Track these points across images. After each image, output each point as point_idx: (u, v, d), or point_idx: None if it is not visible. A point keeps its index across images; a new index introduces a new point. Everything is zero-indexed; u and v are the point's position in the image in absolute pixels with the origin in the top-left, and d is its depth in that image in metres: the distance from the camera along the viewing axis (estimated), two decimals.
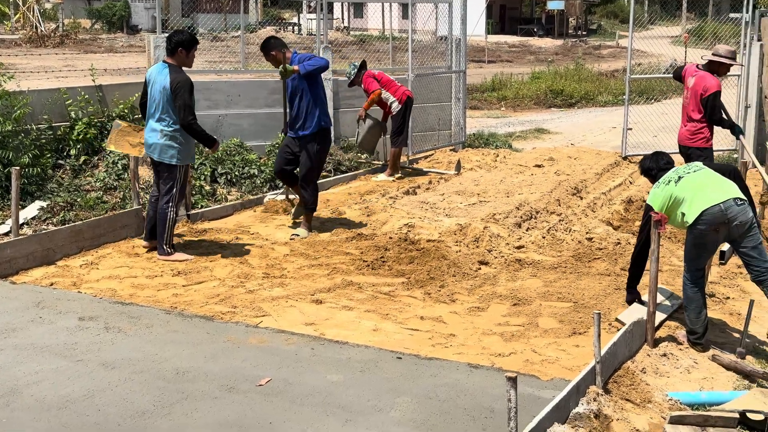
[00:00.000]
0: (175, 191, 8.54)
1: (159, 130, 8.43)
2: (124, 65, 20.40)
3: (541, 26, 60.20)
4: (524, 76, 28.23)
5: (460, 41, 15.26)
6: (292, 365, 5.86)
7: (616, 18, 67.85)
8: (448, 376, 5.71)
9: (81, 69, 16.26)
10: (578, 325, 6.79)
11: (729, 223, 6.27)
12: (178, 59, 8.47)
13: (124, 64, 20.83)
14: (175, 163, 8.49)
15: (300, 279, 7.98)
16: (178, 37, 8.51)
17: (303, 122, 9.23)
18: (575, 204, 10.96)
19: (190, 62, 8.62)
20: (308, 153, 9.30)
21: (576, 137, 17.91)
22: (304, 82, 9.13)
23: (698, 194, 6.34)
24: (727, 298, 7.61)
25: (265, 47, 9.29)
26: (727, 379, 6.05)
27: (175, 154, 8.46)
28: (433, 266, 8.29)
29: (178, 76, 8.35)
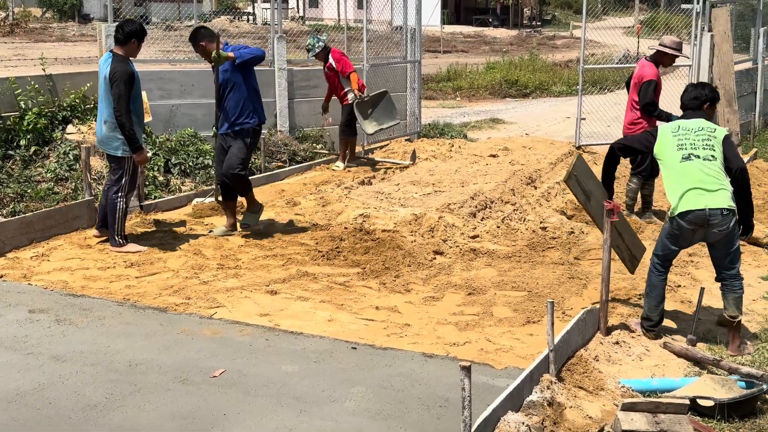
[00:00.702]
0: (124, 182, 8.44)
1: (104, 122, 8.34)
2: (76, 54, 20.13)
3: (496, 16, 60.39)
4: (479, 66, 28.31)
5: (415, 31, 15.26)
6: (246, 356, 5.83)
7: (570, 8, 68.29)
8: (402, 366, 5.71)
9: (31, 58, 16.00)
10: (532, 313, 6.83)
11: (708, 227, 6.30)
12: (128, 50, 8.34)
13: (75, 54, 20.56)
14: (121, 154, 8.37)
15: (255, 270, 7.94)
16: (131, 27, 8.37)
17: (235, 117, 8.77)
18: (529, 193, 11.03)
19: (138, 53, 8.51)
20: (238, 148, 8.81)
21: (530, 127, 18.01)
22: (238, 75, 8.69)
23: (691, 191, 6.29)
24: (679, 286, 7.70)
25: (193, 38, 8.81)
26: (678, 366, 6.12)
27: (120, 146, 8.34)
28: (389, 256, 8.29)
29: (118, 65, 8.20)
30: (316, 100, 13.86)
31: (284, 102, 13.69)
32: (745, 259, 8.63)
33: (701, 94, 6.76)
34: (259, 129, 9.01)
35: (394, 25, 16.42)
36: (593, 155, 13.97)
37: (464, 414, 4.11)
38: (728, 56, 14.21)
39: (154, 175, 11.00)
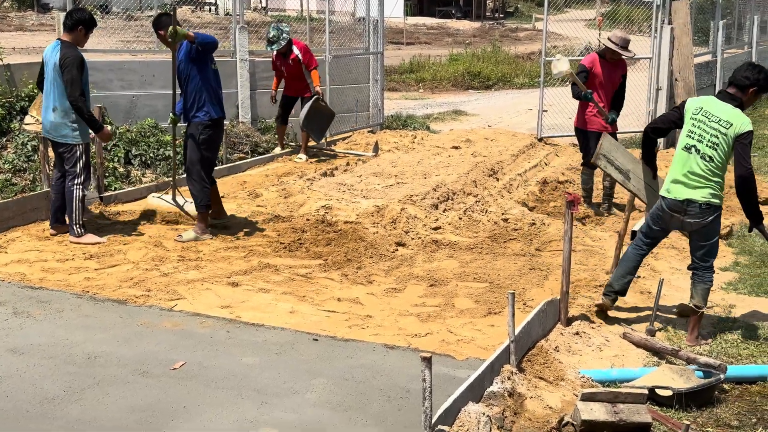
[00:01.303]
0: (79, 169, 8.35)
1: (53, 109, 8.26)
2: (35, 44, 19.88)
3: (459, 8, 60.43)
4: (442, 58, 28.34)
5: (377, 23, 15.24)
6: (206, 348, 5.80)
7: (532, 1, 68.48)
8: (364, 358, 5.71)
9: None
10: (493, 305, 6.86)
11: (685, 216, 6.38)
12: (75, 37, 8.29)
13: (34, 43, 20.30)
14: (70, 141, 8.30)
15: (216, 261, 7.90)
16: (80, 14, 8.34)
17: (191, 110, 8.56)
18: (491, 185, 11.06)
19: (85, 42, 8.44)
20: (193, 144, 8.57)
21: (493, 119, 18.06)
22: (194, 68, 8.48)
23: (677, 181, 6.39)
24: (638, 277, 7.75)
25: (155, 25, 8.72)
26: (638, 356, 6.17)
27: (70, 133, 8.27)
28: (351, 248, 8.29)
29: (68, 51, 8.16)
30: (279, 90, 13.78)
31: (246, 93, 13.62)
32: None
33: (752, 76, 6.34)
34: (214, 123, 8.64)
35: (357, 17, 16.38)
36: (555, 147, 14.05)
37: (425, 405, 4.12)
38: (688, 49, 14.33)
39: (114, 166, 10.89)
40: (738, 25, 18.69)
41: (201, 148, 8.59)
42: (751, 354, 6.25)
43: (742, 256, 8.63)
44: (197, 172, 8.60)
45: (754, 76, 6.34)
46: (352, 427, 4.76)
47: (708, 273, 6.51)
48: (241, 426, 4.73)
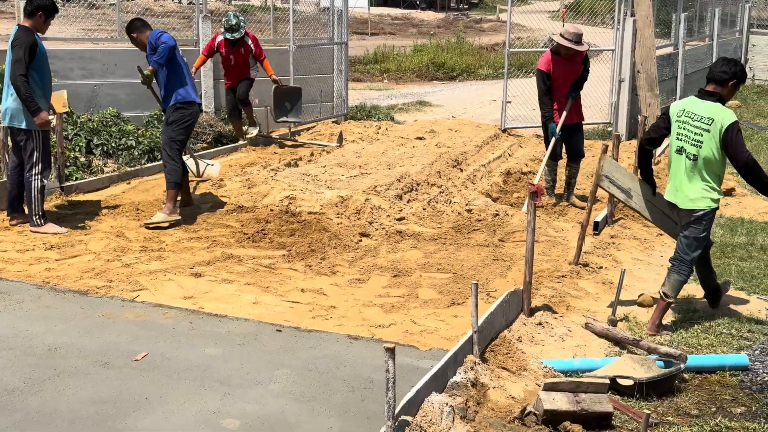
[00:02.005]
0: (36, 158, 8.28)
1: (10, 95, 8.20)
2: None
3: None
4: (407, 48, 28.33)
5: (342, 13, 15.19)
6: (169, 339, 5.76)
7: None
8: (327, 348, 5.71)
9: None
10: (457, 295, 6.88)
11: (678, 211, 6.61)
12: (35, 23, 8.26)
13: None
14: (25, 126, 8.22)
15: (179, 252, 7.85)
16: (40, 0, 8.26)
17: (166, 98, 9.00)
18: (455, 176, 11.08)
19: (45, 29, 8.43)
20: (165, 127, 9.02)
21: (457, 110, 18.09)
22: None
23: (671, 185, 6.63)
24: (600, 267, 7.82)
25: (128, 31, 9.10)
26: (599, 346, 6.22)
27: (26, 118, 8.20)
28: (314, 238, 8.27)
29: (21, 33, 8.15)
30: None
31: (209, 83, 13.54)
32: (665, 241, 8.81)
33: (729, 69, 6.45)
34: (182, 106, 8.93)
35: (322, 6, 16.32)
36: (519, 138, 14.11)
37: (388, 395, 4.12)
38: (650, 41, 14.42)
39: (75, 156, 10.78)
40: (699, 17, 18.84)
41: (168, 129, 8.93)
42: (710, 344, 6.31)
43: None
44: (166, 153, 8.93)
45: (731, 69, 6.45)
46: (315, 417, 4.76)
47: (684, 266, 6.57)
48: (203, 417, 4.71)
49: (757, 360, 6.02)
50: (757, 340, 6.41)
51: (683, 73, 16.69)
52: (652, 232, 9.06)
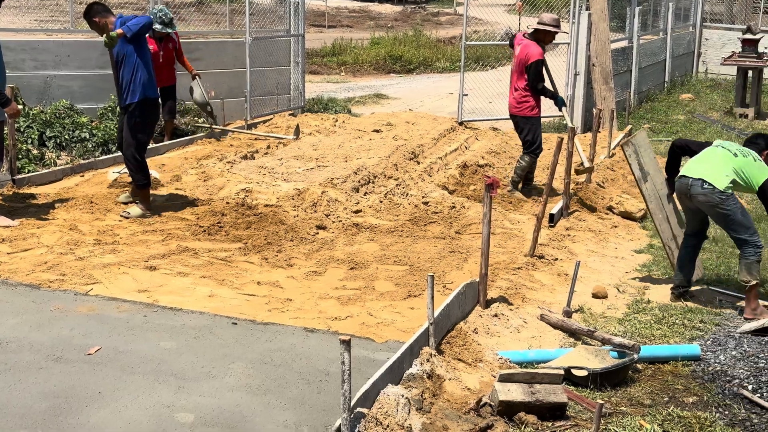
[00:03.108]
0: None
1: None
2: None
3: None
4: (364, 41, 28.27)
5: (298, 5, 15.13)
6: (123, 333, 5.71)
7: None
8: (283, 341, 5.69)
9: None
10: (413, 287, 6.89)
11: (691, 198, 6.84)
12: None
13: None
14: None
15: (133, 245, 7.77)
16: None
17: (127, 91, 8.57)
18: (412, 168, 11.09)
19: None
20: (128, 126, 8.66)
21: (414, 103, 18.10)
22: (129, 47, 8.49)
23: (689, 163, 6.96)
24: (556, 259, 7.87)
25: (87, 13, 8.70)
26: (554, 338, 6.26)
27: None
28: (271, 231, 8.24)
29: None
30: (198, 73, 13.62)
31: None
32: (619, 233, 8.90)
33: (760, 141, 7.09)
34: (149, 104, 8.73)
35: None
36: (475, 131, 14.15)
37: (344, 388, 4.11)
38: (605, 35, 14.53)
39: (27, 148, 10.63)
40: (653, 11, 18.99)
41: (135, 129, 8.69)
42: (663, 334, 6.39)
43: (656, 238, 8.79)
44: (131, 154, 8.71)
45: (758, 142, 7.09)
46: (271, 410, 4.74)
47: (747, 248, 6.78)
48: (157, 411, 4.67)
49: (708, 350, 6.10)
50: (708, 330, 6.49)
51: (638, 67, 16.84)
52: (607, 225, 9.15)
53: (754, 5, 22.43)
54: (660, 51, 18.70)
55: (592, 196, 9.87)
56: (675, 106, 17.21)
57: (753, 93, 16.53)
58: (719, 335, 6.37)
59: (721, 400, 5.39)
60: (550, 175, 8.10)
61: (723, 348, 6.12)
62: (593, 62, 14.42)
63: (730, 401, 5.38)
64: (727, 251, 8.41)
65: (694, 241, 7.18)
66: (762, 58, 16.50)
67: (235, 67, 14.09)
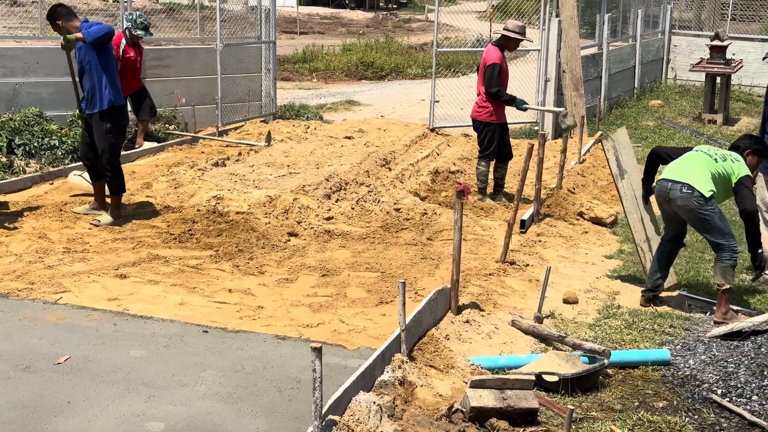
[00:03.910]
0: None
1: None
2: None
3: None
4: (336, 48, 28.27)
5: (269, 11, 15.11)
6: (92, 342, 5.67)
7: None
8: (255, 349, 5.67)
9: None
10: (385, 294, 6.89)
11: (670, 202, 6.91)
12: None
13: None
14: None
15: (103, 253, 7.72)
16: None
17: (92, 99, 8.54)
18: (384, 175, 11.10)
19: None
20: (99, 134, 8.62)
21: (386, 109, 18.12)
22: (93, 54, 8.43)
23: (669, 166, 7.07)
24: (527, 265, 7.90)
25: (50, 16, 8.62)
26: (526, 343, 6.28)
27: None
28: (242, 238, 8.21)
29: None
30: (169, 79, 13.59)
31: None
32: (590, 239, 8.94)
33: (741, 143, 7.24)
34: (117, 110, 8.69)
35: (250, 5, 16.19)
36: (447, 137, 14.18)
37: (315, 395, 4.11)
38: (575, 41, 14.62)
39: None
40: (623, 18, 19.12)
41: (108, 136, 8.65)
42: (633, 339, 6.43)
43: (626, 244, 8.85)
44: (107, 160, 8.69)
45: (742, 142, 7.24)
46: (242, 418, 4.73)
47: (723, 253, 6.83)
48: (127, 420, 4.64)
49: (678, 354, 6.15)
50: (678, 335, 6.54)
51: (607, 73, 16.95)
52: (578, 230, 9.20)
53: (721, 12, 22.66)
54: (629, 57, 18.84)
55: (562, 201, 9.91)
56: (645, 112, 17.34)
57: (721, 99, 16.69)
58: (689, 340, 6.42)
59: (691, 405, 5.44)
60: (521, 181, 8.13)
61: (692, 352, 6.16)
62: (563, 69, 14.50)
63: (699, 405, 5.42)
64: (696, 256, 8.48)
65: (670, 247, 7.23)
66: (730, 64, 16.66)
67: (206, 74, 14.04)
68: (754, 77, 19.04)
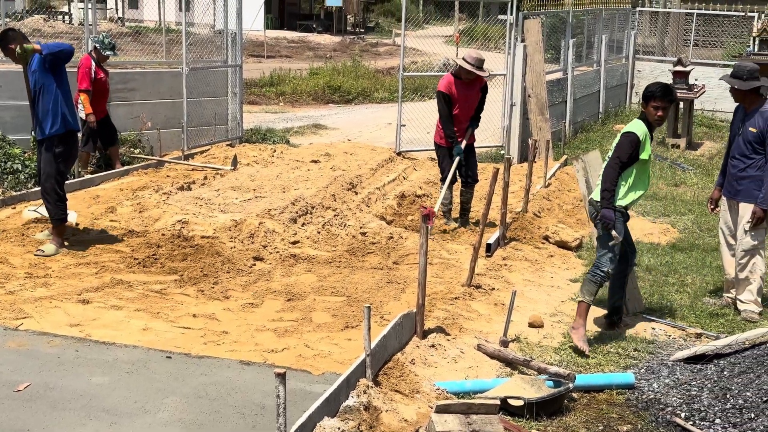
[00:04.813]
0: None
1: None
2: None
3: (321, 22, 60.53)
4: (303, 71, 28.31)
5: (236, 35, 15.11)
6: (54, 368, 5.60)
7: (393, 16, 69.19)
8: (219, 375, 5.63)
9: None
10: (351, 318, 6.87)
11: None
12: None
13: None
14: None
15: (66, 278, 7.64)
16: None
17: (45, 123, 8.32)
18: (350, 199, 11.10)
19: None
20: (48, 158, 8.40)
21: (352, 133, 18.14)
22: (48, 77, 8.27)
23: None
24: (493, 289, 7.91)
25: (4, 41, 8.40)
26: (491, 367, 6.28)
27: None
28: (207, 263, 8.17)
29: None
30: (135, 103, 13.52)
31: None
32: (555, 262, 8.98)
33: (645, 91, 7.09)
34: (70, 135, 8.52)
35: (216, 29, 16.19)
36: (413, 161, 14.22)
37: (279, 421, 4.08)
38: (540, 66, 14.75)
39: None
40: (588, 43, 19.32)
41: (57, 161, 8.45)
42: (598, 363, 6.45)
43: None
44: (51, 186, 8.46)
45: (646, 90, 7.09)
46: None
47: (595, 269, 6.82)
48: None
49: (642, 378, 6.17)
50: (642, 358, 6.57)
51: (572, 98, 17.10)
52: (543, 254, 9.23)
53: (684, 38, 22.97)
54: (594, 82, 19.02)
55: (528, 225, 9.95)
56: (609, 136, 17.47)
57: (684, 124, 16.88)
58: (653, 363, 6.45)
59: (655, 428, 5.45)
60: (487, 205, 8.16)
61: (656, 376, 6.19)
62: (529, 93, 14.61)
63: (663, 429, 5.44)
64: (660, 280, 8.54)
65: (619, 267, 7.11)
66: (693, 89, 16.87)
67: (172, 98, 14.00)
68: (717, 102, 19.29)
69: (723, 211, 7.96)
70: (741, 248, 7.65)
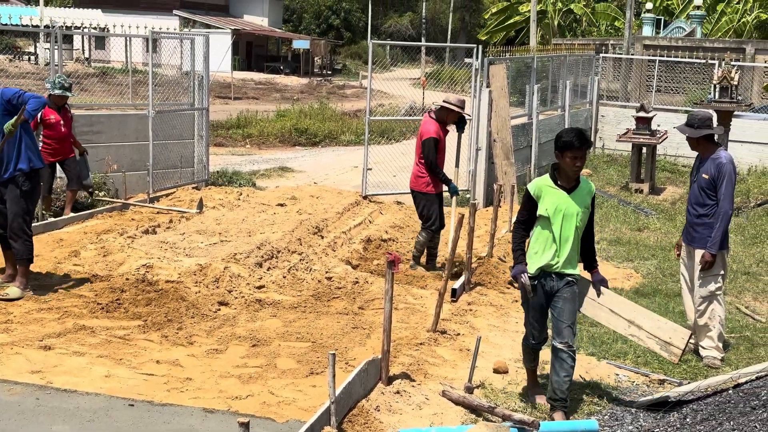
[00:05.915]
0: None
1: None
2: None
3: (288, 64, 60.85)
4: (270, 113, 28.40)
5: (203, 78, 15.14)
6: (13, 417, 5.53)
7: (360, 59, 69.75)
8: (182, 422, 5.58)
9: None
10: (316, 365, 6.85)
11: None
12: None
13: None
14: None
15: (27, 324, 7.56)
16: None
17: (10, 163, 8.33)
18: (316, 243, 11.09)
19: None
20: (14, 197, 8.37)
21: (319, 176, 18.19)
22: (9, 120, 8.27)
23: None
24: (458, 334, 7.92)
25: None
26: (456, 414, 6.27)
27: None
28: (171, 308, 8.12)
29: None
30: (99, 145, 13.47)
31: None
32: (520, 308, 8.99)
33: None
34: (35, 174, 8.53)
35: (184, 70, 16.21)
36: (380, 204, 14.26)
37: None
38: (505, 111, 14.90)
39: None
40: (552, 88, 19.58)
41: (24, 200, 8.44)
42: None
43: None
44: (19, 225, 8.43)
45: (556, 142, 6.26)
46: None
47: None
48: None
49: (606, 425, 6.19)
50: (606, 405, 6.59)
51: (537, 142, 17.27)
52: (508, 299, 9.27)
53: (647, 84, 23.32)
54: (559, 127, 19.21)
55: (493, 270, 10.00)
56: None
57: (647, 169, 17.10)
58: (616, 410, 6.48)
59: None
60: (452, 251, 8.20)
61: (620, 423, 6.22)
62: (494, 138, 14.74)
63: None
64: None
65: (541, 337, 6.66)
66: (655, 135, 17.11)
67: (138, 140, 13.99)
68: (679, 148, 19.52)
69: (683, 257, 8.06)
70: (699, 295, 7.73)
